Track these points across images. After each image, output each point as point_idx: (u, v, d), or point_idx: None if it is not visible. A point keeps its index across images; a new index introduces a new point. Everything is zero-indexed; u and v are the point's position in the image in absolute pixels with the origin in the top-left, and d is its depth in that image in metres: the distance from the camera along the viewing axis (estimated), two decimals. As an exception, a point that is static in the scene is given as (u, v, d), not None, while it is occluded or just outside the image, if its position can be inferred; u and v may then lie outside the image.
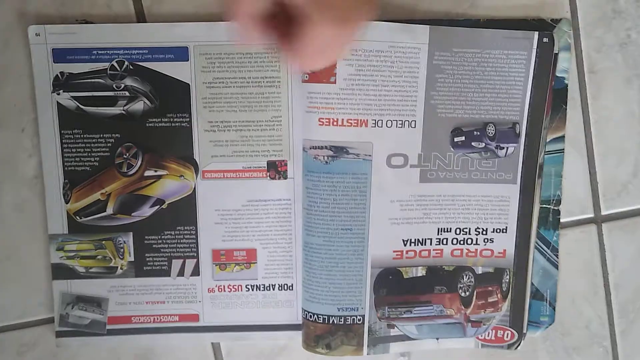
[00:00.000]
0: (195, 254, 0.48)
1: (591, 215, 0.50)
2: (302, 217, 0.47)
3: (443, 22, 0.45)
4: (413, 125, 0.46)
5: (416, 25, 0.45)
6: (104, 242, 0.47)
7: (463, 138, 0.47)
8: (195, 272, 0.48)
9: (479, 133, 0.47)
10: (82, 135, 0.46)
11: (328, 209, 0.46)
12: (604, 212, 0.50)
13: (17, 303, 0.48)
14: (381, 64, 0.45)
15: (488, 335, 0.49)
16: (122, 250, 0.47)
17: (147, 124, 0.46)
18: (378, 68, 0.45)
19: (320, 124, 0.45)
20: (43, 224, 0.47)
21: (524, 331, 0.49)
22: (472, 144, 0.47)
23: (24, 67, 0.45)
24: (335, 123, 0.45)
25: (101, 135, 0.46)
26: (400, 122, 0.46)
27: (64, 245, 0.47)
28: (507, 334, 0.49)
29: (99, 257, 0.47)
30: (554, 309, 0.50)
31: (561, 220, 0.49)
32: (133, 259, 0.48)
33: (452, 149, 0.47)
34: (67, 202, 0.47)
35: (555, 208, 0.49)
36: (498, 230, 0.48)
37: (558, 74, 0.47)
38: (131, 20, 0.45)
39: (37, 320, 0.48)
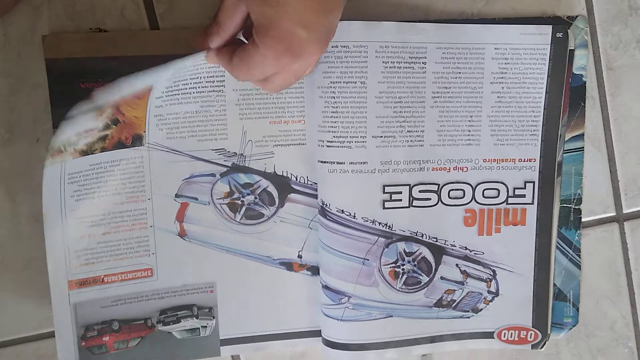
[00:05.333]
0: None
1: (613, 213, 0.49)
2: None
3: (458, 21, 0.45)
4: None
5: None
6: None
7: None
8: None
9: (496, 132, 0.46)
10: None
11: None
12: (625, 211, 0.49)
13: (34, 314, 0.48)
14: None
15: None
16: None
17: None
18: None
19: None
20: (59, 234, 0.47)
21: (548, 332, 0.49)
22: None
23: (38, 77, 0.45)
24: None
25: None
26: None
27: None
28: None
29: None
30: (577, 310, 0.49)
31: (582, 220, 0.48)
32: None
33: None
34: None
35: (577, 207, 0.48)
36: (519, 231, 0.48)
37: (576, 72, 0.46)
38: (144, 27, 0.45)
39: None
